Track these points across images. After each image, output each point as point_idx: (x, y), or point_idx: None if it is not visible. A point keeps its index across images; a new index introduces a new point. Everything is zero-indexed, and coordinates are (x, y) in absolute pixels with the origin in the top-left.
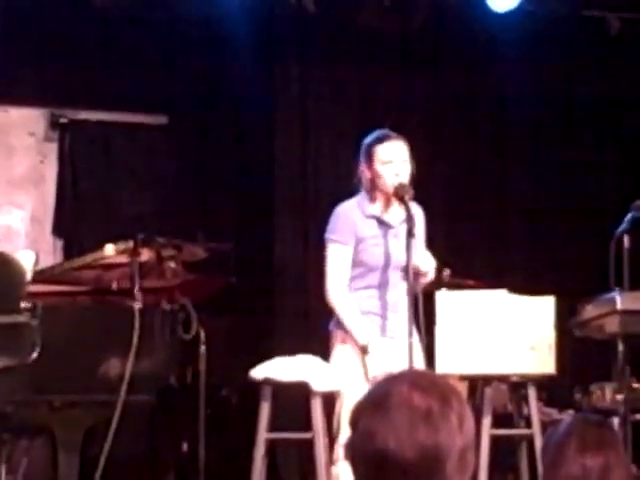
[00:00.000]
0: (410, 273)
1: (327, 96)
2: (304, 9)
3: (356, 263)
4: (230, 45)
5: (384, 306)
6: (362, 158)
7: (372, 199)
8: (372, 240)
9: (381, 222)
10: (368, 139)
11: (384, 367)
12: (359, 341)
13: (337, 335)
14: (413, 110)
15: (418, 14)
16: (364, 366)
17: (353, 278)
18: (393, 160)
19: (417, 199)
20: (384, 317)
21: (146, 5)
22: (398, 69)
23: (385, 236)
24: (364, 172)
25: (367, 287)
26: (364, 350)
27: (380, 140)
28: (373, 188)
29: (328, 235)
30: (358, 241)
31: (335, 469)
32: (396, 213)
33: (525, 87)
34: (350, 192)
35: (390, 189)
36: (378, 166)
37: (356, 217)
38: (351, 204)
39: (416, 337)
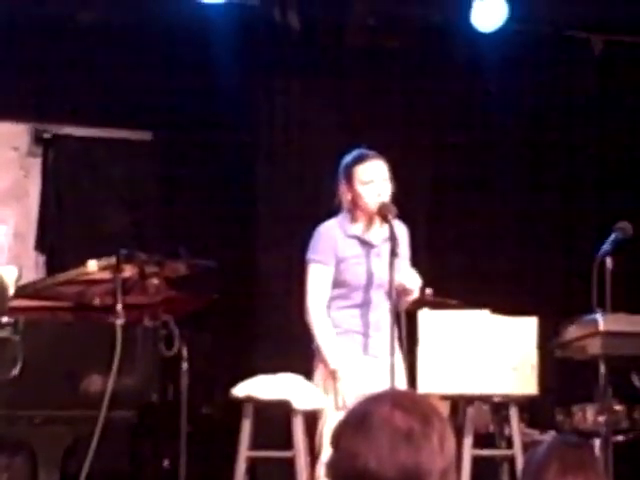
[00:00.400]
0: (393, 292)
1: (311, 113)
2: (289, 26)
3: (338, 283)
4: (214, 62)
5: (366, 325)
6: (342, 178)
7: (353, 219)
8: (353, 260)
9: (363, 242)
10: (347, 159)
11: (358, 391)
12: (329, 365)
13: (318, 358)
14: (396, 127)
15: (403, 33)
16: (335, 392)
17: (335, 298)
18: (374, 180)
19: (400, 218)
20: (366, 336)
21: (130, 22)
22: (382, 87)
23: (367, 255)
24: (344, 193)
25: (350, 307)
26: (333, 375)
27: (359, 160)
28: (354, 208)
29: (309, 255)
30: (339, 261)
31: None
32: (378, 232)
33: (510, 104)
34: (331, 211)
35: (372, 208)
36: (359, 186)
37: (337, 237)
38: (332, 224)
39: (399, 356)
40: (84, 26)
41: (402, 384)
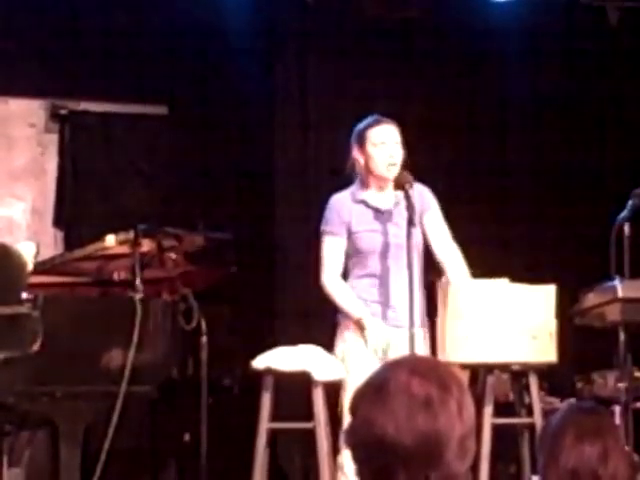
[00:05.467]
0: (411, 263)
1: (327, 87)
2: (304, 1)
3: (353, 251)
4: (230, 36)
5: (385, 294)
6: (354, 143)
7: (365, 185)
8: (363, 226)
9: (371, 207)
10: (360, 125)
11: (386, 338)
12: (353, 315)
13: (341, 326)
14: (413, 100)
15: (415, 4)
16: (365, 341)
17: (352, 267)
18: (386, 141)
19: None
20: (385, 305)
21: None
22: (398, 59)
23: (377, 221)
24: (357, 157)
25: (366, 275)
26: (359, 325)
27: (372, 124)
28: (367, 172)
29: (322, 226)
30: (350, 229)
31: (340, 458)
32: (389, 198)
33: (525, 76)
34: (347, 181)
35: (383, 171)
36: (370, 148)
37: (347, 206)
38: (343, 194)
39: (420, 330)
40: (100, 0)
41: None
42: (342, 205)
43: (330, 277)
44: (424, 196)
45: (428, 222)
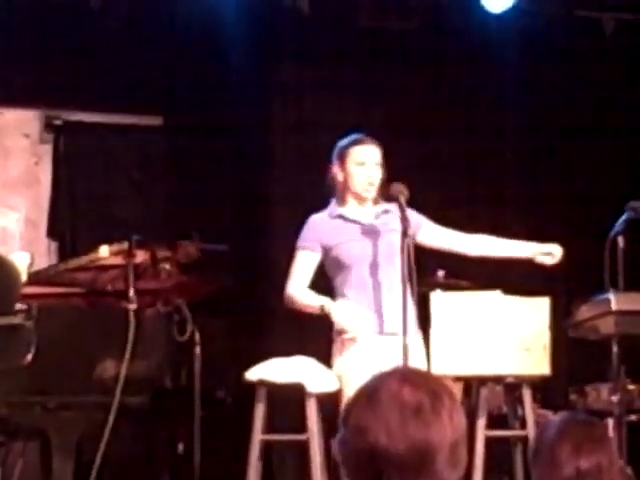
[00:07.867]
0: (404, 273)
1: (323, 97)
2: (299, 10)
3: (336, 266)
4: (225, 46)
5: (377, 303)
6: (336, 160)
7: (343, 201)
8: (341, 239)
9: (351, 221)
10: (343, 141)
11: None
12: (315, 307)
13: (337, 341)
14: (411, 110)
15: (414, 15)
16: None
17: (341, 284)
18: (366, 162)
19: (413, 199)
20: (379, 314)
21: (141, 6)
22: (395, 70)
23: (358, 234)
24: (336, 174)
25: (355, 287)
26: (323, 309)
27: (355, 143)
28: (345, 189)
29: (297, 243)
30: (326, 245)
31: None
32: (368, 212)
33: (521, 86)
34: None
35: (360, 190)
36: (351, 166)
37: (323, 223)
38: (321, 213)
39: (418, 336)
40: (95, 11)
41: (421, 365)
42: (318, 222)
43: (292, 287)
44: (411, 216)
45: (426, 233)
